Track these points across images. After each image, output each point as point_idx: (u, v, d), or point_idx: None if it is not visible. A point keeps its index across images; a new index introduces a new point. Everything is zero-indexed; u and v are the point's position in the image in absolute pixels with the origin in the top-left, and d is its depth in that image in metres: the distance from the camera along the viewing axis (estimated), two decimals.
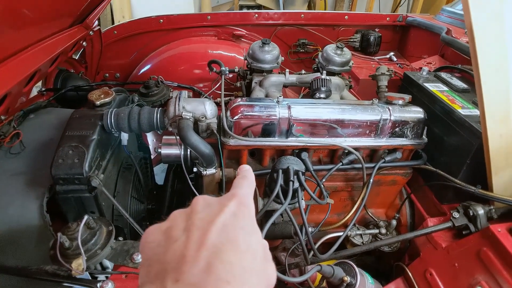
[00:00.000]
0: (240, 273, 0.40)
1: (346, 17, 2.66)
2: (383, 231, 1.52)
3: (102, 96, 1.34)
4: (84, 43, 2.09)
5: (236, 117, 1.26)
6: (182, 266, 0.39)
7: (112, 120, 1.21)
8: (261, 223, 1.33)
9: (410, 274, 1.34)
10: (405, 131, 1.40)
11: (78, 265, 0.86)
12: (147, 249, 0.45)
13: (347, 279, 0.98)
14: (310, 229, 1.29)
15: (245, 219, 0.47)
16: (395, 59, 2.52)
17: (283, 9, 5.53)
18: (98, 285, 0.89)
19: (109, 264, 0.98)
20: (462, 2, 0.94)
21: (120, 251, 0.99)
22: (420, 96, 1.57)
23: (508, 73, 1.02)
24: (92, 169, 1.13)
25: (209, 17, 2.46)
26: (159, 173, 2.53)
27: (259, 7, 5.79)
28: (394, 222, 1.52)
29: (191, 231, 0.43)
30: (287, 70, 1.70)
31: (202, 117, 1.22)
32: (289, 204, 1.12)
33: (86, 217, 0.92)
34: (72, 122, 1.22)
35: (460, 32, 2.05)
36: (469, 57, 1.77)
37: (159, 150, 1.32)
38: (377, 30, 2.68)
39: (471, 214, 1.23)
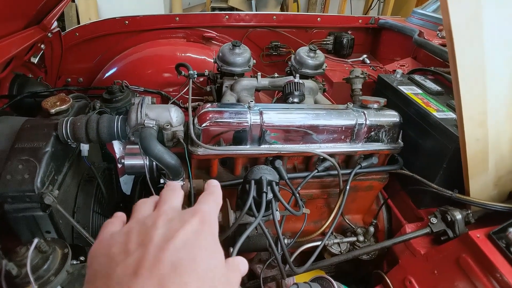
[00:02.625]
0: None
1: (318, 19, 2.63)
2: (361, 238, 1.48)
3: (58, 103, 1.22)
4: (42, 46, 1.95)
5: (204, 124, 1.18)
6: (131, 283, 0.36)
7: (68, 130, 1.10)
8: (233, 236, 1.26)
9: (389, 282, 1.31)
10: (381, 136, 1.36)
11: None
12: (96, 263, 0.41)
13: None
14: (286, 241, 1.23)
15: (207, 238, 0.44)
16: (368, 61, 2.51)
17: (256, 12, 5.49)
18: None
19: None
20: (440, 3, 0.90)
21: (78, 275, 0.90)
22: (395, 99, 1.54)
23: (485, 77, 1.00)
24: (45, 185, 1.02)
25: (177, 18, 2.36)
26: (129, 181, 2.41)
27: (232, 9, 5.73)
28: (371, 229, 1.49)
29: (147, 247, 0.40)
30: (259, 73, 1.63)
31: (167, 125, 1.13)
32: (263, 216, 1.05)
33: (36, 240, 0.82)
34: (22, 133, 1.10)
35: (432, 34, 2.05)
36: (442, 59, 1.79)
37: (122, 160, 1.22)
38: (349, 32, 2.67)
39: (449, 219, 1.21)
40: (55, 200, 1.00)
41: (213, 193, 0.55)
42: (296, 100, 1.43)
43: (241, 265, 0.50)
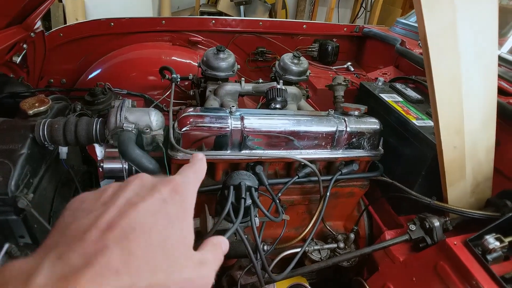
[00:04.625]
0: (139, 266, 0.35)
1: (304, 26, 2.65)
2: (342, 245, 1.48)
3: (37, 104, 1.20)
4: (25, 46, 1.92)
5: (184, 129, 1.17)
6: (75, 243, 0.35)
7: (45, 132, 1.08)
8: None
9: None
10: (362, 143, 1.37)
11: None
12: (61, 217, 0.40)
13: None
14: (265, 247, 1.22)
15: (174, 209, 0.42)
16: (352, 69, 2.53)
17: (244, 17, 5.51)
18: None
19: None
20: (416, 12, 0.92)
21: None
22: (376, 107, 1.56)
23: (461, 85, 1.02)
24: (19, 188, 0.99)
25: (163, 21, 2.35)
26: None
27: (220, 14, 5.73)
28: (352, 236, 1.49)
29: (108, 208, 0.39)
30: (243, 78, 1.63)
31: (147, 129, 1.12)
32: (242, 222, 1.04)
33: (7, 245, 0.80)
34: None
35: (413, 44, 2.09)
36: (423, 68, 1.81)
37: (102, 164, 1.20)
38: (334, 40, 2.69)
39: (427, 226, 1.23)
40: (29, 204, 0.97)
41: (194, 165, 0.52)
42: (278, 106, 1.44)
43: (222, 244, 0.49)
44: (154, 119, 1.14)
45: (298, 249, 1.32)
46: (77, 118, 1.14)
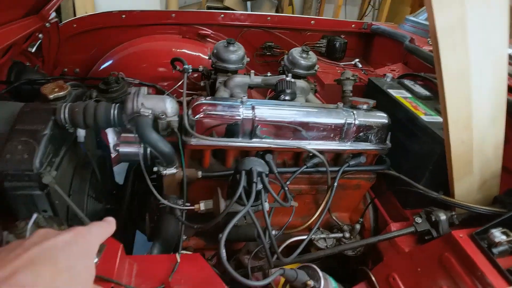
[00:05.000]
0: (47, 286, 0.43)
1: (312, 22, 2.68)
2: (347, 235, 1.52)
3: (56, 90, 1.24)
4: (40, 35, 1.97)
5: (198, 116, 1.21)
6: None
7: (66, 115, 1.13)
8: (223, 225, 1.29)
9: (373, 278, 1.34)
10: (369, 136, 1.40)
11: None
12: None
13: (311, 283, 0.95)
14: (273, 232, 1.26)
15: (77, 246, 0.50)
16: (360, 65, 2.56)
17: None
18: None
19: None
20: (426, 8, 0.94)
21: None
22: (384, 102, 1.59)
23: (470, 81, 1.04)
24: (43, 165, 1.05)
25: (173, 14, 2.40)
26: (121, 172, 2.43)
27: (227, 9, 5.76)
28: (358, 226, 1.53)
29: (16, 249, 0.46)
30: (252, 71, 1.67)
31: (162, 115, 1.16)
32: (252, 206, 1.08)
33: (35, 215, 0.84)
34: (22, 116, 1.13)
35: (423, 41, 2.11)
36: (432, 66, 1.84)
37: (117, 148, 1.25)
38: (342, 36, 2.72)
39: (433, 219, 1.25)
40: (53, 180, 1.02)
41: (101, 224, 0.60)
42: (287, 98, 1.47)
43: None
44: (169, 105, 1.18)
45: (305, 237, 1.35)
46: (95, 103, 1.19)
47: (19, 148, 1.04)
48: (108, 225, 0.61)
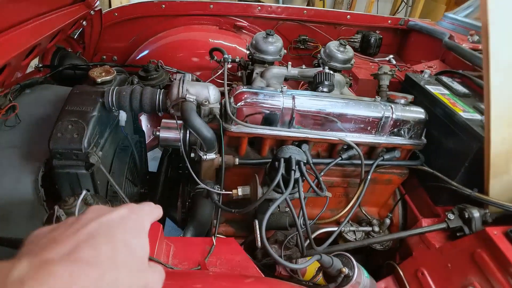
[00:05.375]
0: (108, 261, 0.42)
1: (348, 16, 2.66)
2: (376, 229, 1.52)
3: (104, 74, 1.30)
4: (84, 23, 2.05)
5: (239, 104, 1.24)
6: (48, 245, 0.41)
7: (114, 98, 1.19)
8: (255, 213, 1.32)
9: (401, 273, 1.35)
10: (405, 131, 1.40)
11: None
12: (28, 240, 0.45)
13: (345, 270, 0.97)
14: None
15: (132, 222, 0.50)
16: (394, 62, 2.53)
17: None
18: None
19: None
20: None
21: None
22: (421, 98, 1.57)
23: None
24: (90, 145, 1.11)
25: (211, 6, 2.43)
26: (150, 160, 2.51)
27: (258, 2, 5.77)
28: (387, 221, 1.53)
29: (73, 224, 0.46)
30: (290, 63, 1.68)
31: (205, 101, 1.20)
32: (289, 194, 1.11)
33: (84, 192, 0.90)
34: (72, 97, 1.19)
35: (462, 39, 2.07)
36: (471, 63, 1.81)
37: (158, 133, 1.29)
38: (378, 32, 2.69)
39: (466, 216, 1.24)
40: (99, 160, 1.08)
41: (151, 205, 0.59)
42: (325, 89, 1.48)
43: (162, 271, 0.54)
44: (212, 93, 1.22)
45: (334, 228, 1.37)
46: (141, 87, 1.24)
47: (69, 128, 1.10)
48: (158, 208, 0.62)
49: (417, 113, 1.39)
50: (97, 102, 1.17)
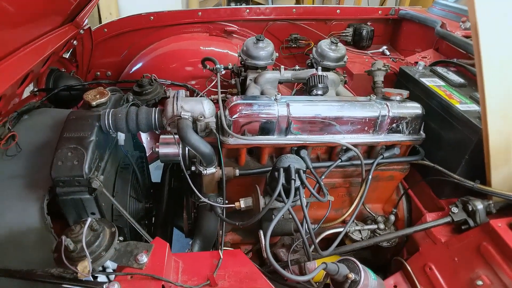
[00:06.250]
0: None
1: (338, 11, 2.65)
2: (382, 226, 1.53)
3: (98, 96, 1.31)
4: (74, 42, 2.05)
5: (235, 116, 1.25)
6: None
7: (110, 121, 1.19)
8: (260, 221, 1.33)
9: (409, 268, 1.35)
10: (403, 127, 1.40)
11: (84, 268, 0.86)
12: None
13: (352, 276, 0.98)
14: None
15: None
16: (388, 53, 2.52)
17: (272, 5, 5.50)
18: (104, 286, 0.88)
19: (110, 264, 0.97)
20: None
21: (124, 252, 0.98)
22: (417, 91, 1.57)
23: (510, 69, 1.02)
24: (92, 170, 1.12)
25: (200, 13, 2.43)
26: (153, 170, 2.52)
27: (247, 2, 5.75)
28: (392, 217, 1.53)
29: None
30: (282, 66, 1.69)
31: (201, 117, 1.20)
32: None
33: (89, 219, 0.91)
34: (69, 124, 1.20)
35: (454, 26, 2.06)
36: (465, 51, 1.80)
37: (157, 149, 1.30)
38: (369, 23, 2.68)
39: (470, 209, 1.24)
40: (102, 184, 1.09)
41: None
42: (320, 92, 1.48)
43: None
44: (207, 107, 1.23)
45: (339, 229, 1.37)
46: (136, 108, 1.24)
47: (69, 155, 1.11)
48: None
49: (414, 108, 1.39)
50: (94, 126, 1.18)
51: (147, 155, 1.99)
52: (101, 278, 0.97)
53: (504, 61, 1.00)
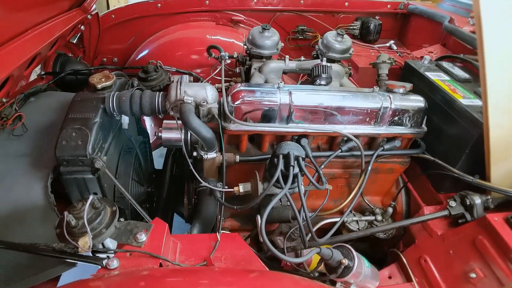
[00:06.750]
0: None
1: (346, 3, 2.63)
2: (379, 218, 1.54)
3: (103, 79, 1.33)
4: (82, 27, 2.07)
5: (237, 102, 1.26)
6: None
7: (114, 104, 1.22)
8: (259, 207, 1.35)
9: (404, 260, 1.37)
10: (405, 120, 1.40)
11: (85, 243, 0.88)
12: None
13: (345, 261, 0.99)
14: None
15: None
16: (395, 47, 2.51)
17: None
18: (104, 262, 0.91)
19: (110, 244, 1.00)
20: None
21: (124, 230, 1.00)
22: (421, 85, 1.57)
23: None
24: (95, 151, 1.14)
25: (207, 1, 2.43)
26: (156, 158, 2.55)
27: None
28: (390, 210, 1.55)
29: None
30: (287, 56, 1.69)
31: (203, 102, 1.22)
32: (289, 188, 1.13)
33: (91, 197, 0.93)
34: (74, 105, 1.22)
35: (463, 21, 2.04)
36: (472, 47, 1.79)
37: (160, 134, 1.32)
38: (377, 17, 2.67)
39: (467, 203, 1.25)
40: (104, 164, 1.11)
41: None
42: (323, 82, 1.49)
43: None
44: (209, 93, 1.24)
45: (337, 219, 1.39)
46: (140, 91, 1.26)
47: (74, 135, 1.13)
48: None
49: (416, 101, 1.40)
50: (99, 108, 1.21)
51: (151, 141, 2.02)
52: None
53: (507, 56, 1.00)
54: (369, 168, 1.39)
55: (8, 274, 1.17)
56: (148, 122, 2.48)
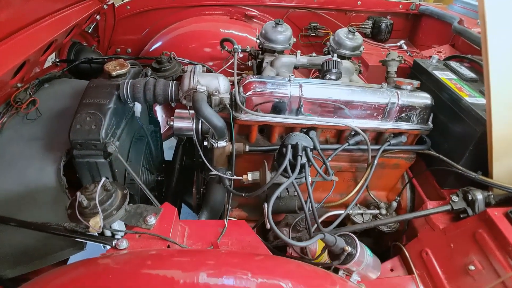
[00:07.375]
0: None
1: (359, 2, 2.65)
2: (384, 212, 1.56)
3: (118, 67, 1.37)
4: (97, 17, 2.12)
5: (248, 93, 1.29)
6: None
7: (128, 91, 1.25)
8: (266, 196, 1.38)
9: (406, 253, 1.39)
10: (412, 116, 1.43)
11: (96, 223, 0.91)
12: None
13: (348, 249, 1.02)
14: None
15: None
16: (405, 47, 2.52)
17: None
18: (114, 242, 0.94)
19: (120, 226, 1.03)
20: None
21: (134, 213, 1.04)
22: (429, 83, 1.59)
23: None
24: (108, 136, 1.18)
25: None
26: (166, 149, 2.59)
27: None
28: (394, 204, 1.57)
29: None
30: (298, 51, 1.72)
31: (216, 92, 1.25)
32: (295, 179, 1.16)
33: (103, 179, 0.96)
34: (89, 90, 1.26)
35: (472, 23, 2.05)
36: (480, 48, 1.80)
37: (171, 122, 1.36)
38: (389, 17, 2.68)
39: (470, 198, 1.28)
40: (117, 149, 1.15)
41: None
42: (333, 77, 1.51)
43: None
44: (222, 83, 1.28)
45: (342, 211, 1.42)
46: (154, 79, 1.30)
47: (88, 120, 1.17)
48: None
49: (423, 98, 1.42)
50: (113, 94, 1.24)
51: (162, 131, 2.06)
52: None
53: (511, 52, 1.02)
54: (375, 161, 1.42)
55: (16, 256, 1.21)
56: (159, 112, 2.52)
